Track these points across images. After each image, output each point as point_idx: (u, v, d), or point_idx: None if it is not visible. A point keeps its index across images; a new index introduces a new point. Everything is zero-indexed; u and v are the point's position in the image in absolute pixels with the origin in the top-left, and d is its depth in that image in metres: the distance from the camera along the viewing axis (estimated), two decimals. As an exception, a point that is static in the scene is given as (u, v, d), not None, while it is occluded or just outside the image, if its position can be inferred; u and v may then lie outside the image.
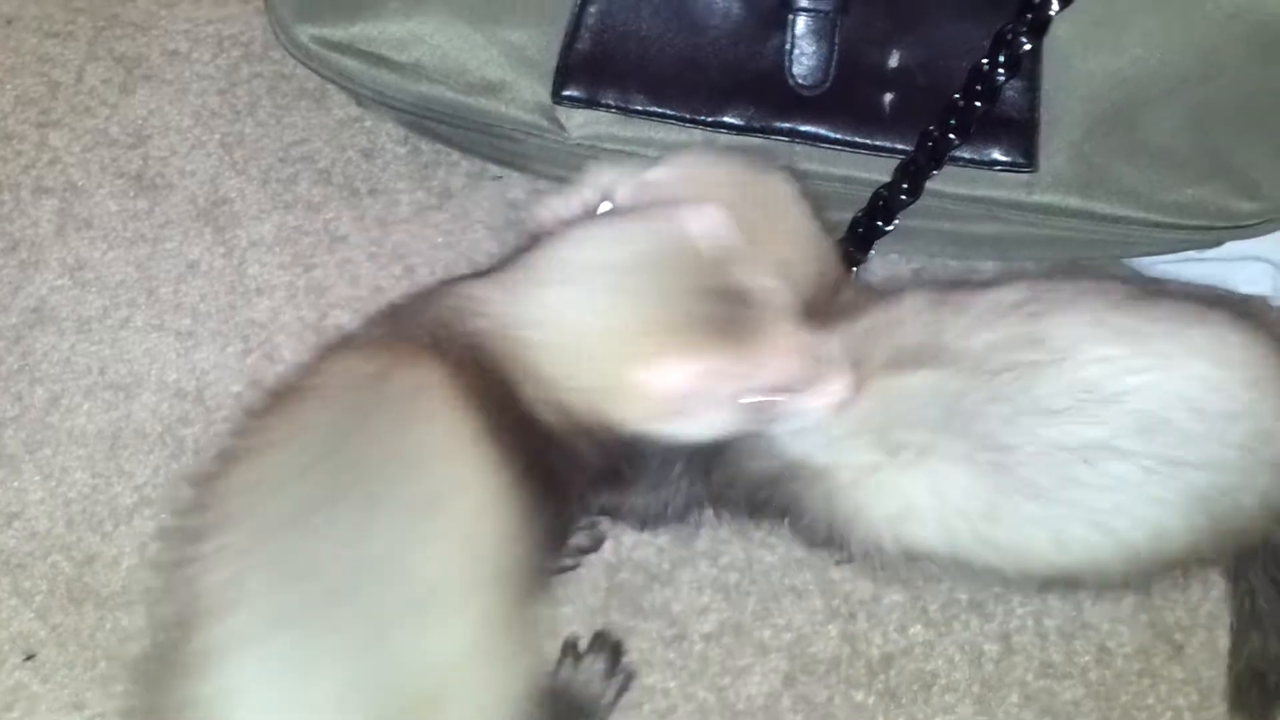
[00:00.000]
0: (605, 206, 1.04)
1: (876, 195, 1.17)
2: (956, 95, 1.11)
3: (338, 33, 1.20)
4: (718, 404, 0.93)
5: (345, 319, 1.27)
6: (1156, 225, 1.16)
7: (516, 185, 1.35)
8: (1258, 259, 1.27)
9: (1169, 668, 1.14)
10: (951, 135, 1.12)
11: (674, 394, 0.91)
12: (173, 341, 1.26)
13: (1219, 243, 1.22)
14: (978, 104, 1.11)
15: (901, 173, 1.15)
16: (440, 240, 1.32)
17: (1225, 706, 1.11)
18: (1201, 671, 1.14)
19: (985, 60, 1.10)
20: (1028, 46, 1.09)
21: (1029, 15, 1.08)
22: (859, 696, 1.12)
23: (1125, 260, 1.29)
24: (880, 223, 1.18)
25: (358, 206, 1.33)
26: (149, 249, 1.31)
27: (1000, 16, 1.11)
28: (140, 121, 1.38)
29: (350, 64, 1.21)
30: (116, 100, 1.39)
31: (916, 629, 1.14)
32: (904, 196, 1.15)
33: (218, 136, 1.37)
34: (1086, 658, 1.14)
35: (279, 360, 1.25)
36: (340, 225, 1.32)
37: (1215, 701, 1.12)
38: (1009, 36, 1.09)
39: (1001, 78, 1.10)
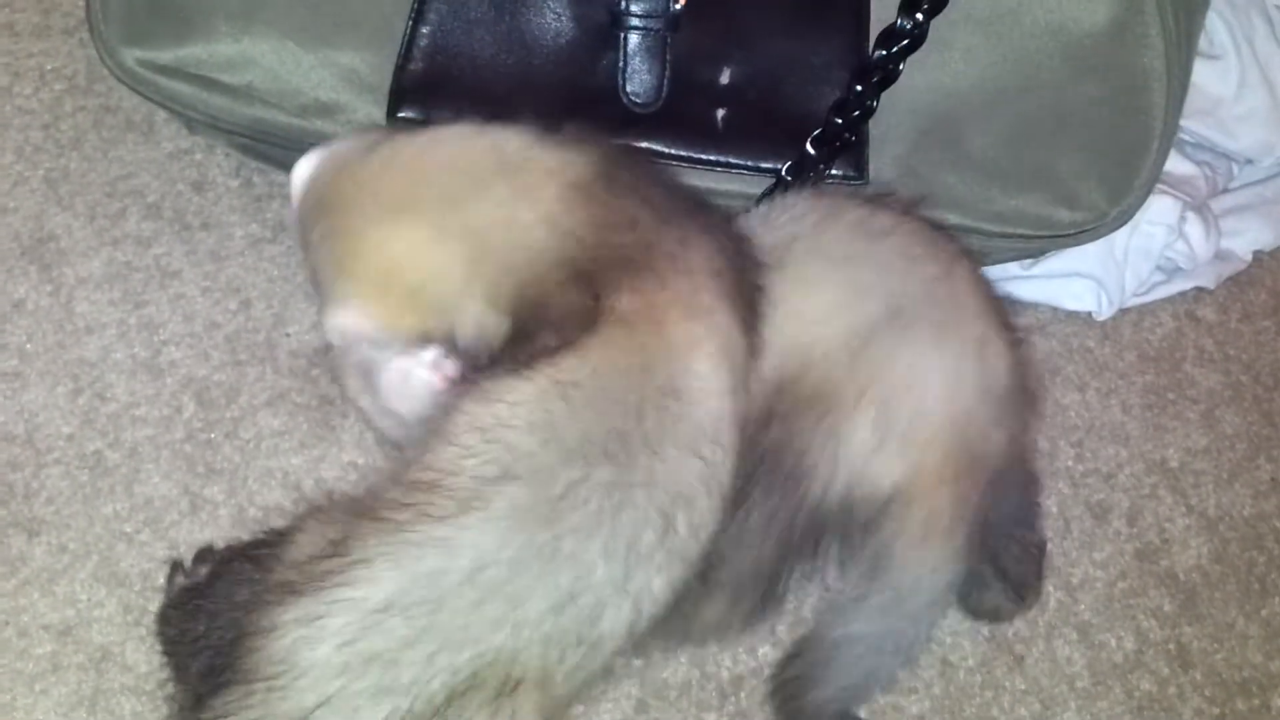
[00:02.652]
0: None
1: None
2: (819, 130, 1.14)
3: (166, 55, 1.18)
4: None
5: (179, 355, 1.23)
6: (981, 233, 1.20)
7: (352, 216, 1.33)
8: (1082, 275, 1.31)
9: (1011, 678, 1.15)
10: (820, 163, 1.16)
11: None
12: (-2, 383, 1.22)
13: (1042, 252, 1.26)
14: (844, 134, 1.14)
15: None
16: (276, 273, 1.29)
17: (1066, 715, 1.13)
18: (1042, 681, 1.16)
19: (848, 93, 1.13)
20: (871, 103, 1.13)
21: (882, 53, 1.11)
22: (711, 719, 1.11)
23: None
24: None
25: (190, 241, 1.31)
26: (-29, 288, 1.26)
27: (824, 34, 1.15)
28: (-40, 158, 1.34)
29: (180, 88, 1.19)
30: (-66, 137, 1.35)
31: (765, 650, 1.14)
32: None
33: (41, 172, 1.33)
34: (930, 672, 1.14)
35: (111, 399, 1.20)
36: (172, 260, 1.29)
37: (1057, 710, 1.14)
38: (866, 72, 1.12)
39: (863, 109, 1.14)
